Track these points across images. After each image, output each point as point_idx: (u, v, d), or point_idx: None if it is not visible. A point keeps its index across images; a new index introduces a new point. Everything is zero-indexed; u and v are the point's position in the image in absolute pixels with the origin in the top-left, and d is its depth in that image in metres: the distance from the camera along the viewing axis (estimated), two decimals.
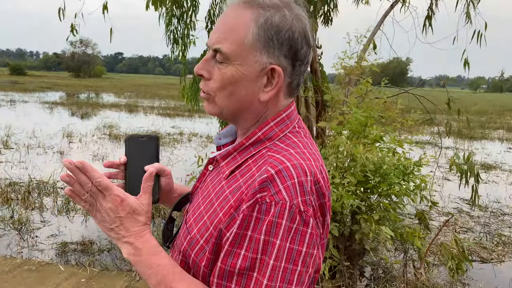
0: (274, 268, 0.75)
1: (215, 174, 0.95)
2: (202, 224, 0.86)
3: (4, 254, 4.15)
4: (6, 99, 22.93)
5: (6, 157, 8.53)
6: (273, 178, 0.78)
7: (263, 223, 0.76)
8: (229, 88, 0.86)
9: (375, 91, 3.71)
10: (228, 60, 0.85)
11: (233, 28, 0.84)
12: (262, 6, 0.84)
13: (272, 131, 0.89)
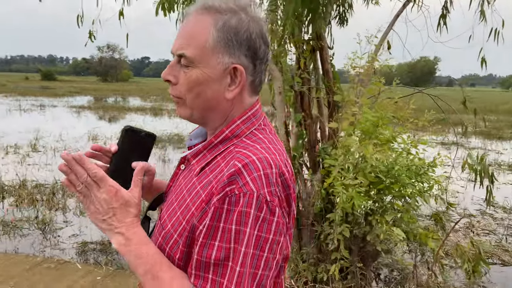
0: (245, 255, 0.80)
1: (186, 172, 1.00)
2: (175, 220, 0.91)
3: (27, 252, 4.32)
4: (36, 104, 23.73)
5: (34, 160, 8.84)
6: (240, 171, 0.83)
7: (233, 214, 0.81)
8: (196, 90, 0.92)
9: (387, 92, 3.68)
10: (192, 63, 0.90)
11: (195, 33, 0.90)
12: (219, 11, 0.90)
13: (239, 129, 0.94)
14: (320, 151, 3.73)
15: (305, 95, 3.79)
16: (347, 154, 3.39)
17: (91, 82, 67.38)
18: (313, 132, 3.80)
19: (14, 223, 5.19)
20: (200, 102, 0.93)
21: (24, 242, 4.71)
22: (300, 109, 3.81)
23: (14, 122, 15.15)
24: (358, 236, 3.72)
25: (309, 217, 3.72)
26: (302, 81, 3.83)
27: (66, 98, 29.25)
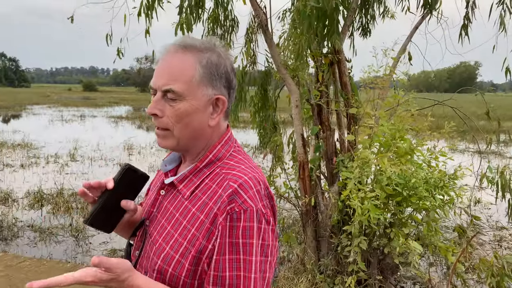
0: (255, 263, 0.93)
1: (171, 197, 1.07)
2: (173, 242, 0.99)
3: (60, 258, 4.57)
4: (77, 114, 24.78)
5: (71, 169, 9.27)
6: (237, 191, 0.96)
7: (238, 229, 0.93)
8: (185, 120, 1.01)
9: (405, 103, 3.67)
10: (180, 97, 0.99)
11: (181, 70, 1.00)
12: (200, 50, 1.02)
13: (220, 153, 1.06)
14: (337, 163, 3.76)
15: (323, 108, 3.84)
16: (363, 166, 3.41)
17: (130, 93, 69.48)
18: (330, 144, 3.84)
19: (50, 230, 5.49)
20: (188, 131, 1.02)
21: (58, 248, 4.98)
22: (317, 121, 3.86)
23: (56, 132, 15.90)
24: (377, 248, 3.71)
25: (327, 229, 3.75)
26: (320, 94, 3.88)
27: (105, 109, 30.36)
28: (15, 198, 6.83)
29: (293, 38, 3.85)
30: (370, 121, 3.50)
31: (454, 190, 3.53)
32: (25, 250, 4.84)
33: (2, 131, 15.50)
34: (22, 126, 17.61)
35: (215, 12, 4.30)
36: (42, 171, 8.98)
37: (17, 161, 10.01)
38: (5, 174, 8.59)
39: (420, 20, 3.84)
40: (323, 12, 3.22)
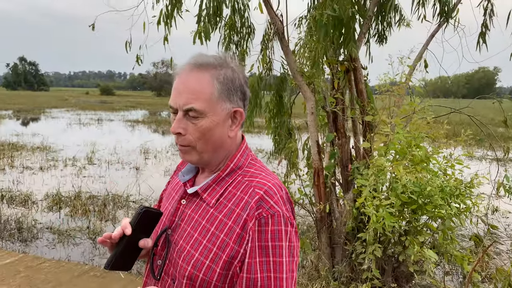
0: (285, 264, 1.00)
1: (194, 206, 1.11)
2: (203, 248, 1.03)
3: (78, 260, 4.66)
4: (95, 118, 25.16)
5: (89, 172, 9.43)
6: (263, 197, 1.02)
7: (267, 233, 0.99)
8: (207, 136, 1.06)
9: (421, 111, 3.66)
10: (202, 114, 1.04)
11: (200, 89, 1.04)
12: (215, 67, 1.06)
13: (240, 162, 1.12)
14: (353, 170, 3.77)
15: (339, 115, 3.86)
16: (378, 174, 3.41)
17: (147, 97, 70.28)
18: (345, 152, 3.85)
19: (68, 232, 5.60)
20: (210, 145, 1.07)
21: (76, 250, 5.07)
22: (333, 128, 3.88)
23: (74, 135, 16.18)
24: (391, 256, 3.70)
25: (341, 236, 3.76)
26: (335, 101, 3.90)
27: (122, 112, 30.76)
28: (34, 200, 6.99)
29: (309, 46, 3.89)
30: (385, 128, 3.50)
31: (471, 198, 3.50)
32: (44, 252, 4.95)
33: (22, 134, 15.84)
34: (41, 129, 17.97)
35: (232, 19, 4.37)
36: (60, 174, 9.15)
37: (37, 163, 10.22)
38: (24, 177, 8.78)
39: (436, 28, 3.84)
40: (339, 21, 3.25)
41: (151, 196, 7.46)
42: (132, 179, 8.82)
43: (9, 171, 9.32)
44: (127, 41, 4.44)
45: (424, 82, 4.05)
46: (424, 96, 3.81)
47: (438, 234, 3.53)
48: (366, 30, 4.08)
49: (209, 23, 3.44)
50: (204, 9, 3.47)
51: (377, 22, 4.72)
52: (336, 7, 3.16)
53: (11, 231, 5.57)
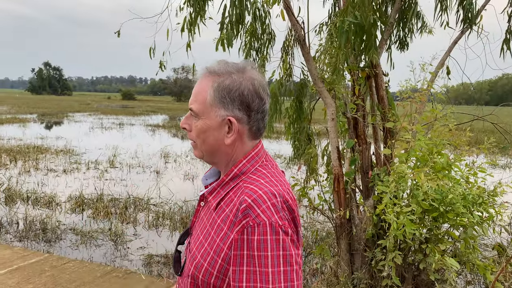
0: (274, 274, 0.96)
1: (206, 208, 1.17)
2: (203, 251, 1.08)
3: (100, 261, 4.76)
4: (116, 122, 25.59)
5: (110, 175, 9.61)
6: (251, 205, 1.00)
7: (253, 242, 0.97)
8: (202, 136, 1.13)
9: (443, 118, 3.64)
10: (197, 116, 1.12)
11: (199, 92, 1.12)
12: (218, 74, 1.11)
13: (245, 167, 1.12)
14: (373, 176, 3.76)
15: (359, 121, 3.86)
16: (399, 181, 3.40)
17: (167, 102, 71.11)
18: (366, 158, 3.85)
19: (90, 233, 5.73)
20: (206, 146, 1.13)
21: (98, 251, 5.18)
22: (353, 134, 3.88)
23: (96, 139, 16.50)
24: (412, 264, 3.67)
25: (361, 242, 3.75)
26: (356, 107, 3.91)
27: (143, 117, 31.20)
28: (58, 202, 7.16)
29: (329, 52, 3.91)
30: (407, 135, 3.49)
31: (494, 207, 3.45)
32: (67, 252, 5.08)
33: (46, 137, 16.24)
34: (65, 132, 18.38)
35: (253, 26, 4.42)
36: (83, 177, 9.35)
37: (60, 166, 10.47)
38: (49, 179, 9.00)
39: (459, 35, 3.81)
40: (360, 27, 3.26)
41: (171, 199, 7.55)
42: (153, 182, 8.95)
43: (34, 173, 9.57)
44: (151, 48, 4.54)
45: (446, 88, 4.02)
46: (446, 103, 3.78)
47: (460, 243, 3.49)
48: (387, 36, 4.08)
49: (231, 30, 3.50)
50: (227, 16, 3.53)
51: (398, 28, 4.71)
52: (357, 14, 3.18)
53: (36, 231, 5.73)
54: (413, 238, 3.46)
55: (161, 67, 4.78)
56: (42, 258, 4.35)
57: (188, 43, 4.44)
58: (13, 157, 11.17)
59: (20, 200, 7.21)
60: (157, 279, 4.00)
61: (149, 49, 4.51)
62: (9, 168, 9.96)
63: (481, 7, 3.84)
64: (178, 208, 6.98)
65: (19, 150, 12.40)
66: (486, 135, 3.55)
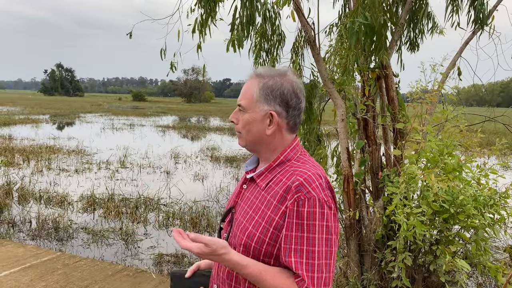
0: (319, 240, 1.19)
1: (252, 189, 1.37)
2: (255, 223, 1.28)
3: (111, 260, 4.81)
4: (127, 123, 25.79)
5: (121, 176, 9.69)
6: (302, 183, 1.23)
7: (303, 213, 1.20)
8: (247, 127, 1.34)
9: (454, 119, 3.62)
10: (245, 110, 1.34)
11: (247, 91, 1.35)
12: (263, 77, 1.35)
13: (289, 155, 1.35)
14: (383, 177, 3.76)
15: (369, 122, 3.86)
16: (409, 182, 3.39)
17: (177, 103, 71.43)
18: (376, 159, 3.84)
19: (102, 232, 5.79)
20: (250, 136, 1.35)
21: (109, 250, 5.24)
22: (363, 135, 3.88)
23: (107, 139, 16.66)
24: (422, 265, 3.66)
25: (371, 243, 3.74)
26: (366, 108, 3.91)
27: (153, 118, 31.39)
28: (70, 201, 7.25)
29: (340, 53, 3.92)
30: (417, 136, 3.48)
31: (505, 209, 3.43)
32: (79, 251, 5.14)
33: (58, 138, 16.43)
34: (76, 133, 18.58)
35: (263, 27, 4.44)
36: (94, 177, 9.45)
37: (72, 166, 10.59)
38: (61, 179, 9.11)
39: (470, 36, 3.79)
40: (371, 28, 3.26)
41: (181, 200, 7.60)
42: (163, 182, 9.01)
43: (47, 173, 9.69)
44: (162, 49, 4.58)
45: (457, 90, 4.00)
46: (457, 104, 3.76)
47: (471, 245, 3.46)
48: (398, 37, 4.07)
49: (242, 31, 3.52)
50: (237, 17, 3.55)
51: (409, 29, 4.69)
52: (367, 15, 3.18)
53: (49, 230, 5.81)
54: (423, 239, 3.45)
55: (172, 68, 4.82)
56: (54, 256, 4.41)
57: (199, 44, 4.48)
58: (26, 157, 11.33)
59: (33, 199, 7.31)
60: (167, 278, 4.04)
61: (160, 50, 4.55)
62: (22, 168, 10.11)
63: (492, 7, 3.81)
64: (188, 208, 7.02)
65: (32, 150, 12.57)
66: (498, 136, 3.52)
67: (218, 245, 1.19)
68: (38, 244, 5.27)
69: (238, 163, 11.79)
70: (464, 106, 3.64)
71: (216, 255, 1.20)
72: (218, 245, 1.19)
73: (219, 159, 12.52)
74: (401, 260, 3.36)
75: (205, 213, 6.75)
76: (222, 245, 1.20)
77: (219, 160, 12.38)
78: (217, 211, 7.01)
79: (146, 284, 3.80)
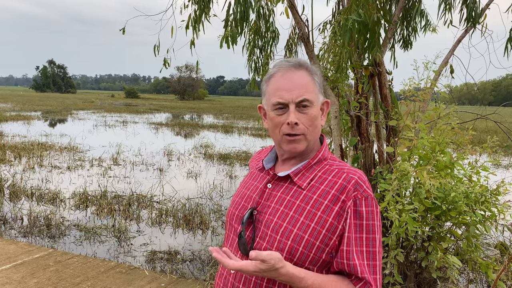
0: (378, 240, 1.16)
1: (284, 188, 1.25)
2: (300, 224, 1.16)
3: (103, 257, 4.79)
4: (120, 120, 25.66)
5: (114, 173, 9.65)
6: (358, 182, 1.18)
7: (362, 213, 1.15)
8: (315, 123, 1.23)
9: (446, 117, 3.64)
10: (312, 104, 1.21)
11: (307, 84, 1.22)
12: (309, 69, 1.25)
13: (326, 154, 1.29)
14: (376, 174, 3.78)
15: (362, 119, 3.88)
16: (402, 179, 3.41)
17: (170, 100, 71.19)
18: (369, 156, 3.86)
19: (94, 230, 5.76)
20: (316, 132, 1.25)
21: (102, 247, 5.21)
22: (356, 133, 3.89)
23: (100, 136, 16.56)
24: (414, 261, 3.68)
25: None
26: (359, 106, 3.92)
27: (146, 115, 31.25)
28: (62, 199, 7.21)
29: (333, 50, 3.92)
30: (409, 133, 3.50)
31: (496, 206, 3.46)
32: (71, 248, 5.11)
33: (50, 134, 16.31)
34: (69, 130, 18.46)
35: (257, 24, 4.43)
36: (87, 174, 9.40)
37: (64, 163, 10.52)
38: (53, 176, 9.05)
39: (463, 34, 3.82)
40: (364, 25, 3.27)
41: (174, 197, 7.58)
42: (156, 180, 8.99)
43: (38, 170, 9.62)
44: (155, 45, 4.56)
45: (450, 88, 4.03)
46: (449, 102, 3.79)
47: (462, 241, 3.50)
48: (391, 35, 4.09)
49: (236, 27, 3.52)
50: (231, 14, 3.55)
51: (402, 27, 4.72)
52: (361, 12, 3.19)
53: (40, 227, 5.77)
54: (415, 236, 3.48)
55: (165, 64, 4.80)
56: (46, 253, 4.38)
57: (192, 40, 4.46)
58: (18, 154, 11.23)
59: (24, 196, 7.26)
60: (160, 274, 4.03)
61: (154, 47, 4.53)
62: (13, 164, 10.02)
63: (485, 5, 3.84)
64: (181, 206, 7.01)
65: (23, 147, 12.47)
66: (489, 134, 3.55)
67: (275, 259, 1.06)
68: (30, 241, 5.24)
69: (231, 161, 11.78)
70: (456, 104, 3.66)
71: (273, 271, 1.06)
72: (276, 258, 1.06)
73: (213, 156, 12.50)
74: (393, 257, 3.38)
75: (198, 211, 6.74)
76: (278, 257, 1.07)
77: (213, 157, 12.36)
78: (210, 208, 7.00)
79: (139, 281, 3.80)
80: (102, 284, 3.70)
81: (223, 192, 8.23)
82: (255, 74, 5.17)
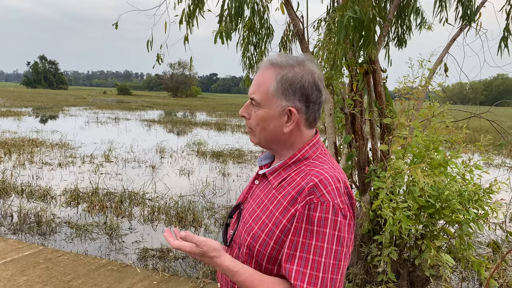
0: (327, 250, 1.05)
1: (263, 186, 1.26)
2: (261, 223, 1.16)
3: (95, 254, 4.74)
4: (112, 116, 25.48)
5: (106, 170, 9.57)
6: (317, 185, 1.09)
7: (314, 218, 1.07)
8: (261, 124, 1.20)
9: (440, 115, 3.64)
10: (259, 105, 1.19)
11: (261, 83, 1.19)
12: (280, 67, 1.18)
13: (308, 153, 1.21)
14: (370, 172, 3.77)
15: (357, 117, 3.86)
16: (396, 176, 3.40)
17: (163, 97, 70.90)
18: (363, 154, 3.85)
19: (85, 227, 5.70)
20: (265, 134, 1.22)
21: (93, 245, 5.16)
22: (350, 130, 3.88)
23: (91, 133, 16.42)
24: (407, 259, 3.68)
25: (357, 238, 3.75)
26: (354, 103, 3.91)
27: (138, 112, 31.08)
28: (53, 195, 7.13)
29: (328, 48, 3.90)
30: (404, 131, 3.49)
31: (489, 204, 3.47)
32: (62, 245, 5.05)
33: (41, 131, 16.14)
34: (60, 126, 18.28)
35: (251, 20, 4.40)
36: (78, 171, 9.31)
37: (55, 160, 10.41)
38: (44, 172, 8.95)
39: (458, 32, 3.82)
40: (360, 22, 3.26)
41: (167, 194, 7.54)
42: (148, 177, 8.93)
43: (29, 166, 9.51)
44: (148, 40, 4.51)
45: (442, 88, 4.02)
46: (443, 100, 3.79)
47: (455, 239, 3.50)
48: (385, 33, 4.08)
49: (230, 23, 3.48)
50: (225, 9, 3.51)
51: (396, 25, 4.71)
52: (357, 9, 3.17)
53: (31, 224, 5.69)
54: (408, 234, 3.48)
55: (158, 60, 4.75)
56: (36, 250, 4.33)
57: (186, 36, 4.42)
58: (8, 150, 11.10)
59: (14, 193, 7.16)
60: (152, 272, 3.99)
61: (147, 42, 4.48)
62: (3, 161, 9.90)
63: (480, 4, 3.85)
64: (174, 203, 6.97)
65: (13, 143, 12.32)
66: (482, 133, 3.55)
67: (209, 247, 1.12)
68: (19, 238, 5.17)
69: (224, 158, 11.74)
70: (449, 103, 3.66)
71: (207, 257, 1.12)
72: (210, 247, 1.12)
73: (205, 154, 12.45)
74: (387, 255, 3.38)
75: (191, 208, 6.70)
76: (214, 247, 1.12)
77: (205, 155, 12.31)
78: (203, 205, 6.97)
79: (130, 279, 3.76)
80: (93, 282, 3.65)
81: (216, 189, 8.19)
82: (249, 71, 5.14)
